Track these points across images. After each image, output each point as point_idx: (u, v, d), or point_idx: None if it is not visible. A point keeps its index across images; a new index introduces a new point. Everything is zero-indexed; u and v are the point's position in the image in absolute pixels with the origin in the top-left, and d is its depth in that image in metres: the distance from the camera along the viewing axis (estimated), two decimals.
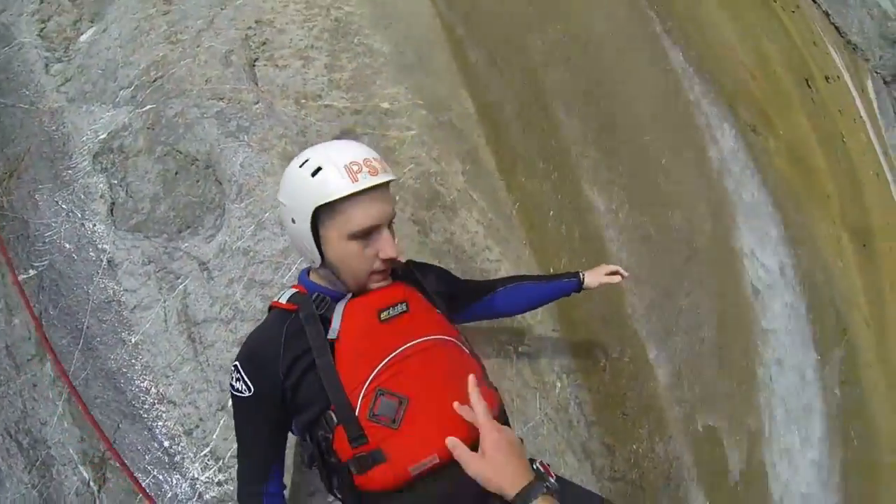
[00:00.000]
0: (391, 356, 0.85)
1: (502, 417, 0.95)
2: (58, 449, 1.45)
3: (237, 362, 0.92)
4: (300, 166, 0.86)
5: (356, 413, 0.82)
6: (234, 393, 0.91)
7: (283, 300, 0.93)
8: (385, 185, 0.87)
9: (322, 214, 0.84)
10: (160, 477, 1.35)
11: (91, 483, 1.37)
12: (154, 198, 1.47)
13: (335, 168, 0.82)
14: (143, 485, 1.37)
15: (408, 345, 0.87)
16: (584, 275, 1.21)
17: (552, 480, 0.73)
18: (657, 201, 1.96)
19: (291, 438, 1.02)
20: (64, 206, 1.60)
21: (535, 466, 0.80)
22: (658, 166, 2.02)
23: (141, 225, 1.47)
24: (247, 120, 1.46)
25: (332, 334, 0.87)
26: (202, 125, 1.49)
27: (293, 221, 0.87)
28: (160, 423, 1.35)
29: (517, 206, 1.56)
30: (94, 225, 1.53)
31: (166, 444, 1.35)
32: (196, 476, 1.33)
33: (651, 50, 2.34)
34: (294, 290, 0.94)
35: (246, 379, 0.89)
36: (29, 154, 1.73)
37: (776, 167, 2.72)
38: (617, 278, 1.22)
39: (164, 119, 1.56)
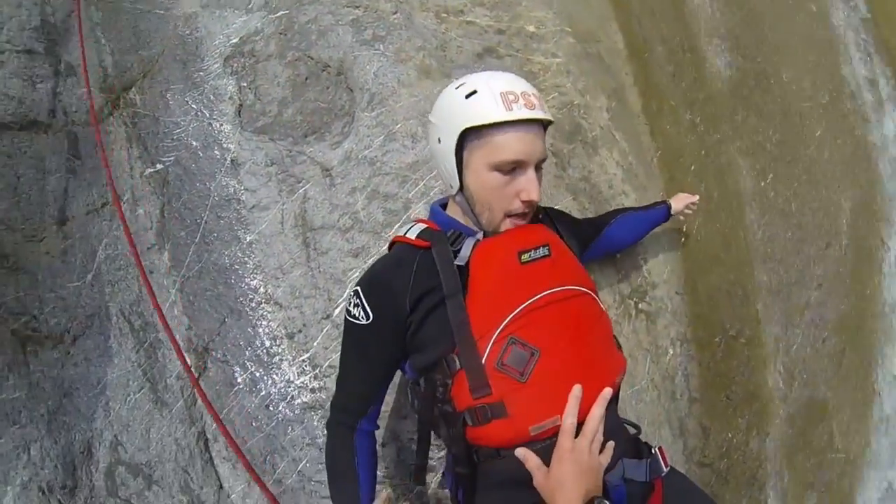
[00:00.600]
0: (528, 302, 0.77)
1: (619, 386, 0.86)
2: (166, 333, 1.51)
3: (358, 287, 0.85)
4: (457, 88, 0.82)
5: (483, 360, 0.75)
6: (350, 319, 0.84)
7: (412, 236, 0.85)
8: (539, 124, 0.80)
9: (470, 138, 0.79)
10: (257, 374, 1.36)
11: (193, 369, 1.41)
12: (282, 102, 1.45)
13: (491, 94, 0.77)
14: (241, 379, 1.39)
15: (547, 292, 0.79)
16: (671, 203, 1.28)
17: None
18: (804, 176, 1.69)
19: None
20: (193, 105, 1.63)
21: (653, 451, 0.81)
22: (811, 138, 1.74)
23: (267, 127, 1.46)
24: (383, 29, 1.40)
25: (459, 261, 0.80)
26: (336, 32, 1.44)
27: (439, 141, 0.82)
28: (264, 323, 1.36)
29: (659, 154, 1.39)
30: (221, 125, 1.54)
31: (268, 343, 1.35)
32: (291, 379, 1.32)
33: (822, 7, 2.01)
34: (423, 226, 0.87)
35: (366, 306, 0.82)
36: (163, 56, 1.79)
37: None
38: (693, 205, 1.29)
39: (296, 25, 1.53)
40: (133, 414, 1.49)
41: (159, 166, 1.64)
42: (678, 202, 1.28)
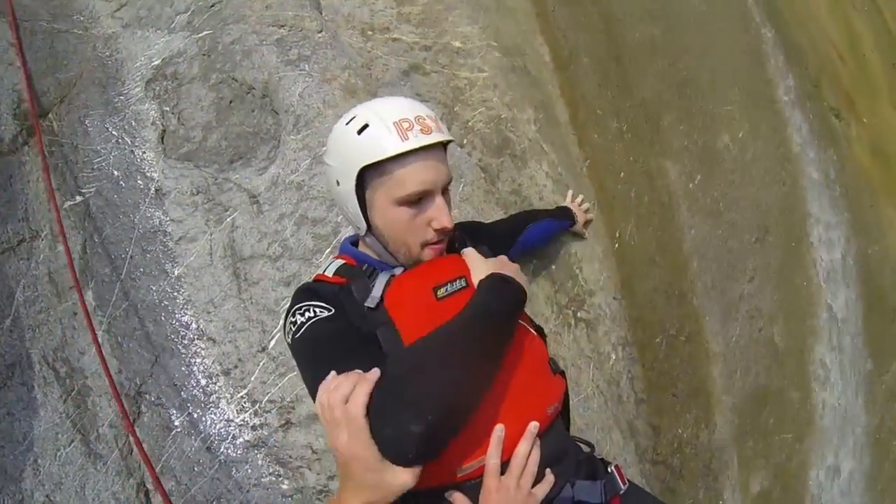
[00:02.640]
0: None
1: (565, 403, 0.84)
2: (94, 379, 1.42)
3: (296, 305, 0.76)
4: (346, 123, 0.75)
5: None
6: (310, 319, 0.73)
7: (329, 273, 0.80)
8: (440, 147, 0.76)
9: (368, 176, 0.74)
10: (195, 415, 1.30)
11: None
12: (206, 126, 1.40)
13: (383, 125, 0.71)
14: (178, 422, 1.32)
15: None
16: (576, 219, 1.37)
17: None
18: (730, 176, 1.78)
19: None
20: (114, 132, 1.55)
21: (609, 469, 0.79)
22: (735, 139, 1.84)
23: (191, 154, 1.40)
24: (308, 48, 1.36)
25: (370, 303, 0.74)
26: (260, 52, 1.40)
27: (338, 184, 0.77)
28: (198, 360, 1.30)
29: (588, 163, 1.42)
30: (144, 152, 1.47)
31: (203, 382, 1.29)
32: (231, 417, 1.27)
33: (739, 10, 2.12)
34: (341, 262, 0.82)
35: (317, 304, 0.75)
36: (81, 80, 1.69)
37: (855, 156, 2.47)
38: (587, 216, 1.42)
39: (220, 45, 1.48)
40: (65, 470, 1.38)
41: (79, 198, 1.54)
42: (579, 218, 1.38)
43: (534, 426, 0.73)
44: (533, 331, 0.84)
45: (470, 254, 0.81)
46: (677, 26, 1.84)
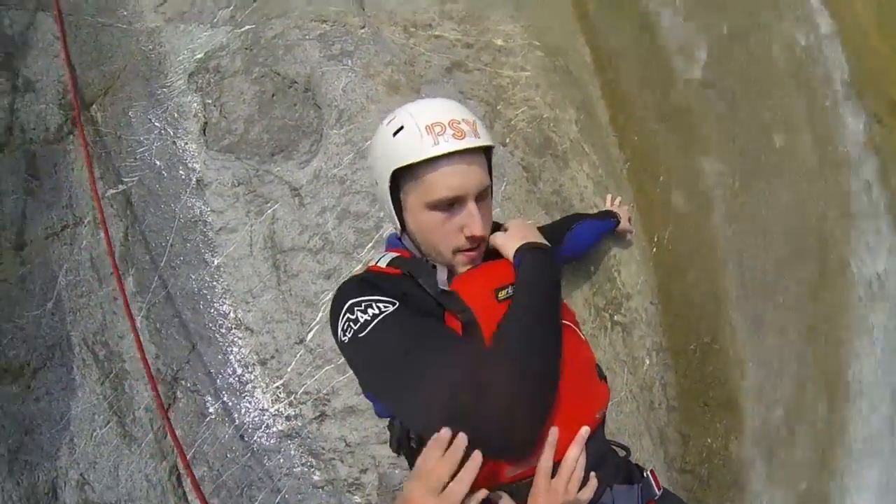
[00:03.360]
0: None
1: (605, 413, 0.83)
2: (132, 363, 1.45)
3: (354, 299, 0.71)
4: (386, 125, 0.75)
5: None
6: (376, 316, 0.68)
7: (383, 264, 0.79)
8: (476, 152, 0.73)
9: (402, 178, 0.74)
10: (229, 403, 1.31)
11: (162, 400, 1.35)
12: (248, 119, 1.42)
13: (416, 128, 0.71)
14: (213, 409, 1.34)
15: None
16: (619, 218, 1.35)
17: None
18: (771, 181, 1.73)
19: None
20: (157, 123, 1.58)
21: (645, 474, 0.79)
22: (777, 147, 1.79)
23: (233, 146, 1.42)
24: (351, 44, 1.37)
25: (442, 286, 0.73)
26: (303, 47, 1.41)
27: (376, 184, 0.77)
28: (235, 350, 1.31)
29: (628, 165, 1.41)
30: (186, 143, 1.50)
31: (239, 370, 1.31)
32: (266, 407, 1.28)
33: (791, 5, 2.03)
34: (394, 254, 0.81)
35: (381, 298, 0.70)
36: (125, 72, 1.73)
37: None
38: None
39: (262, 40, 1.50)
40: (100, 450, 1.42)
41: (122, 187, 1.58)
42: (623, 217, 1.36)
43: (585, 431, 0.73)
44: (582, 335, 0.84)
45: (497, 237, 0.81)
46: (723, 22, 1.78)
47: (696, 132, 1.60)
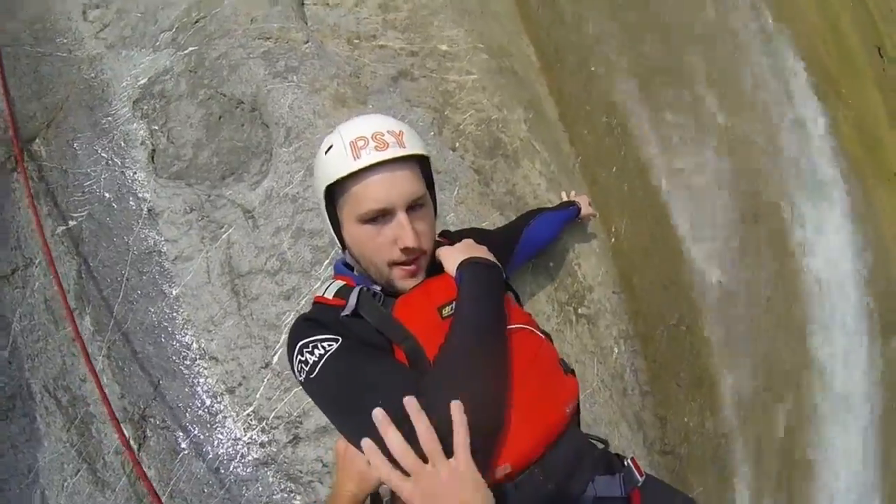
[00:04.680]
0: None
1: (578, 406, 0.84)
2: (97, 406, 1.40)
3: (301, 341, 0.73)
4: (323, 145, 0.77)
5: None
6: (321, 357, 0.70)
7: (329, 295, 0.79)
8: (402, 162, 0.73)
9: (335, 195, 0.75)
10: (201, 436, 1.28)
11: (131, 441, 1.31)
12: (196, 144, 1.39)
13: (342, 144, 0.73)
14: (185, 444, 1.31)
15: None
16: (580, 205, 1.34)
17: None
18: (720, 158, 1.77)
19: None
20: (103, 154, 1.53)
21: (626, 463, 0.80)
22: (721, 128, 1.84)
23: (183, 172, 1.38)
24: (296, 60, 1.36)
25: (383, 321, 0.72)
26: (247, 66, 1.39)
27: (318, 203, 0.79)
28: (202, 380, 1.28)
29: (580, 159, 1.43)
30: (135, 173, 1.45)
31: (208, 401, 1.28)
32: (238, 436, 1.25)
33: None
34: (341, 283, 0.81)
35: (325, 336, 0.71)
36: (67, 103, 1.67)
37: (844, 137, 2.50)
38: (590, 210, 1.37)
39: (206, 61, 1.47)
40: (73, 501, 1.37)
41: (72, 223, 1.53)
42: (583, 204, 1.35)
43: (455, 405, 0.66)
44: (540, 334, 0.84)
45: (442, 251, 0.80)
46: (661, 10, 1.84)
47: (642, 120, 1.62)
